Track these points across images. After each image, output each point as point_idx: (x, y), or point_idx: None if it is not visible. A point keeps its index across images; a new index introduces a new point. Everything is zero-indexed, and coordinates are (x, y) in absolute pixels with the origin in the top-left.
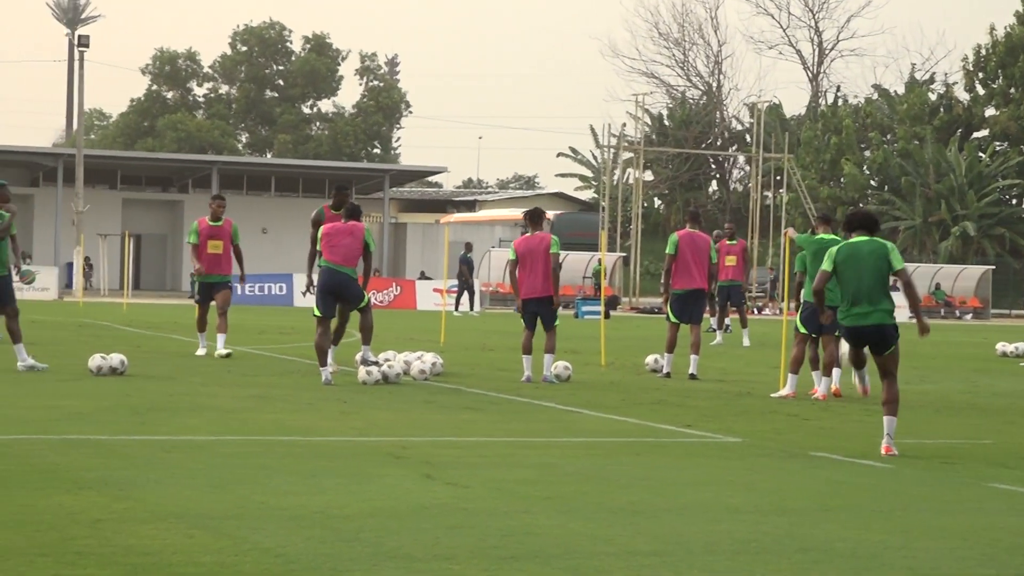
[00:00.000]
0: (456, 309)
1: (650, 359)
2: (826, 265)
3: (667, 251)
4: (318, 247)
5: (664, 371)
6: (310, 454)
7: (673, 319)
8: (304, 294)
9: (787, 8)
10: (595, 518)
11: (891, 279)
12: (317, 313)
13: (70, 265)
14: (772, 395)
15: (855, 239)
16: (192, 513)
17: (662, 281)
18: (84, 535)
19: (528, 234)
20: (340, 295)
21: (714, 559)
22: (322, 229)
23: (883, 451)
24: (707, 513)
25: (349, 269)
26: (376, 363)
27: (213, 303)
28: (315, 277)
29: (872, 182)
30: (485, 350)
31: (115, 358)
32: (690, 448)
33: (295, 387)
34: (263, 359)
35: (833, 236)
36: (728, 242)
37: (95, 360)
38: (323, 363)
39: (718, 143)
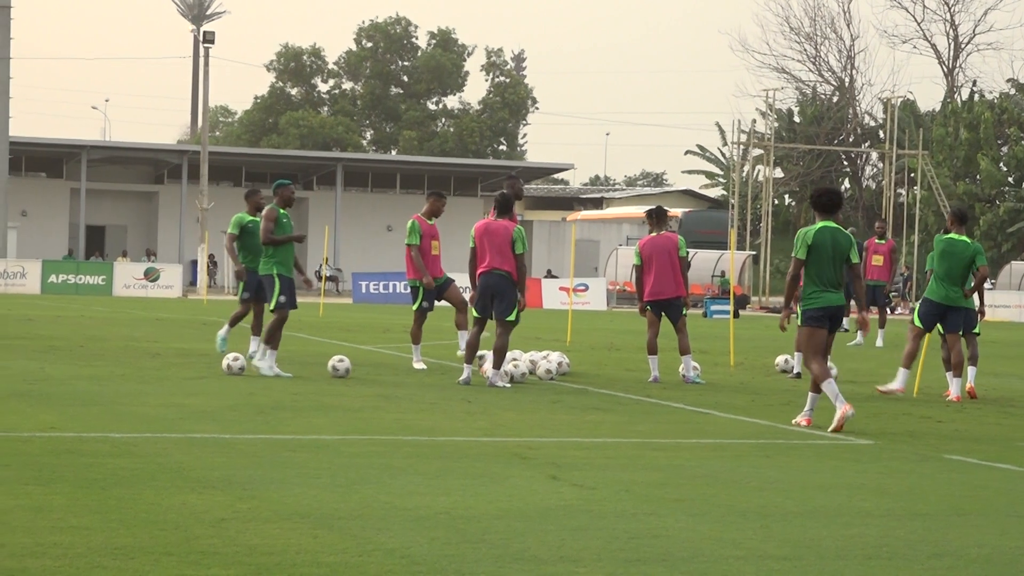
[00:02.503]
0: None
1: (780, 359)
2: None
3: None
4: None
5: (794, 371)
6: (435, 454)
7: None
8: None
9: (922, 1)
10: (724, 521)
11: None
12: (475, 314)
13: (194, 263)
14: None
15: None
16: (316, 513)
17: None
18: (208, 534)
19: (653, 234)
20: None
21: (845, 564)
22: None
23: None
24: (838, 517)
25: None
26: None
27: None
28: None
29: (1009, 179)
30: (612, 350)
31: (240, 359)
32: (821, 450)
33: (420, 386)
34: (388, 357)
35: (964, 238)
36: (877, 241)
37: (227, 360)
38: (468, 360)
39: (850, 139)
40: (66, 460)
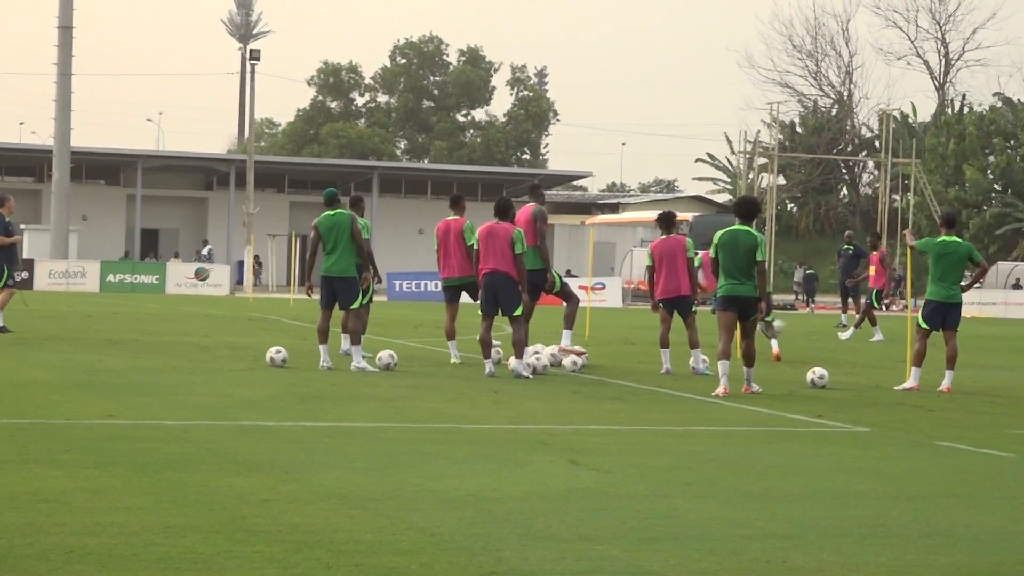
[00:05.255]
0: None
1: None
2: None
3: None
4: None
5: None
6: (463, 440)
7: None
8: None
9: (915, 21)
10: (731, 502)
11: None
12: (481, 311)
13: (241, 263)
14: (896, 387)
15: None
16: (353, 495)
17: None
18: (253, 514)
19: (663, 237)
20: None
21: (844, 542)
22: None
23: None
24: (837, 499)
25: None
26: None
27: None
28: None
29: (996, 186)
30: (627, 344)
31: (282, 352)
32: (821, 437)
33: (450, 377)
34: (420, 351)
35: (955, 239)
36: (871, 252)
37: (270, 353)
38: (486, 355)
39: (848, 149)
40: (122, 445)
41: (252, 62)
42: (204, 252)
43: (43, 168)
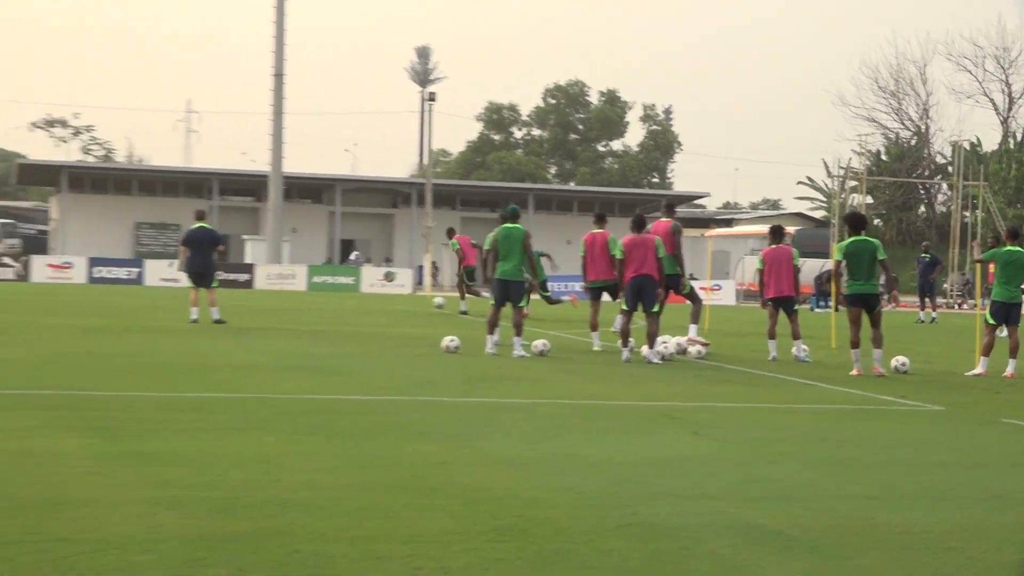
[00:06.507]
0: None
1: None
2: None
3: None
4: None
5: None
6: (602, 415)
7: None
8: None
9: (983, 65)
10: (825, 468)
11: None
12: (624, 307)
13: (420, 267)
14: (966, 373)
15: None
16: (512, 459)
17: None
18: (433, 474)
19: (773, 246)
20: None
21: (920, 503)
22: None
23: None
24: (916, 466)
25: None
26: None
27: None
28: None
29: None
30: (740, 336)
31: (455, 341)
32: (902, 415)
33: (592, 363)
34: (568, 341)
35: (1019, 248)
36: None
37: (445, 341)
38: (624, 344)
39: (925, 173)
40: (325, 417)
41: (429, 102)
42: (352, 258)
43: (261, 189)
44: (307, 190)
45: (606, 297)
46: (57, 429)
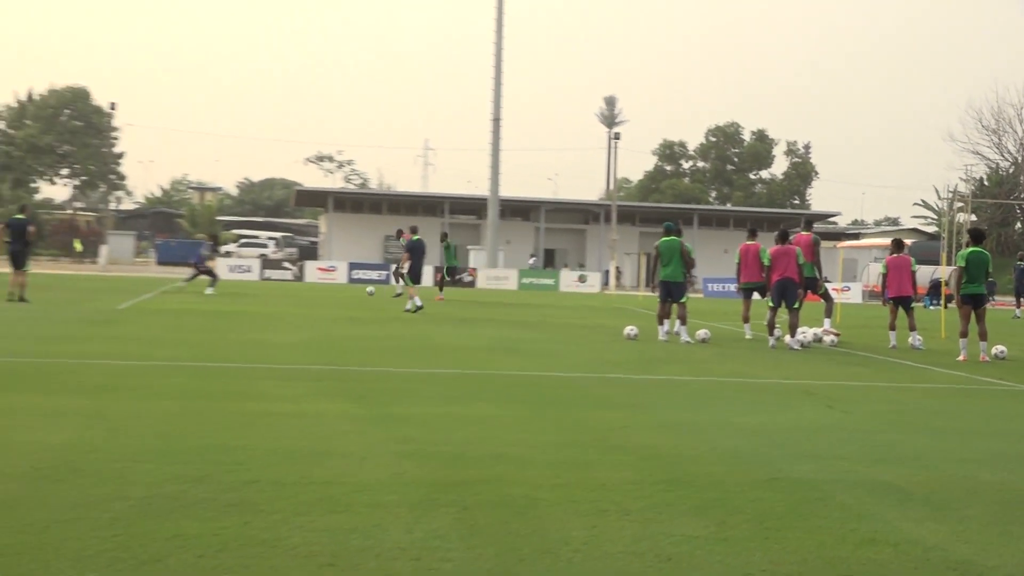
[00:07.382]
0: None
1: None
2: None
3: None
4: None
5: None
6: (750, 391)
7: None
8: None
9: None
10: (935, 436)
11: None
12: (771, 304)
13: (606, 272)
14: None
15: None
16: (679, 425)
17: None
18: (615, 436)
19: (895, 255)
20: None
21: (1016, 466)
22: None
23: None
24: (1014, 436)
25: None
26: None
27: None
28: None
29: None
30: (865, 328)
31: (634, 330)
32: (1002, 394)
33: (743, 348)
34: (725, 331)
35: None
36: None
37: (626, 330)
38: (771, 333)
39: (1022, 196)
40: (529, 389)
41: (615, 140)
42: (530, 262)
43: (482, 210)
44: (518, 210)
45: (756, 296)
46: (323, 396)
